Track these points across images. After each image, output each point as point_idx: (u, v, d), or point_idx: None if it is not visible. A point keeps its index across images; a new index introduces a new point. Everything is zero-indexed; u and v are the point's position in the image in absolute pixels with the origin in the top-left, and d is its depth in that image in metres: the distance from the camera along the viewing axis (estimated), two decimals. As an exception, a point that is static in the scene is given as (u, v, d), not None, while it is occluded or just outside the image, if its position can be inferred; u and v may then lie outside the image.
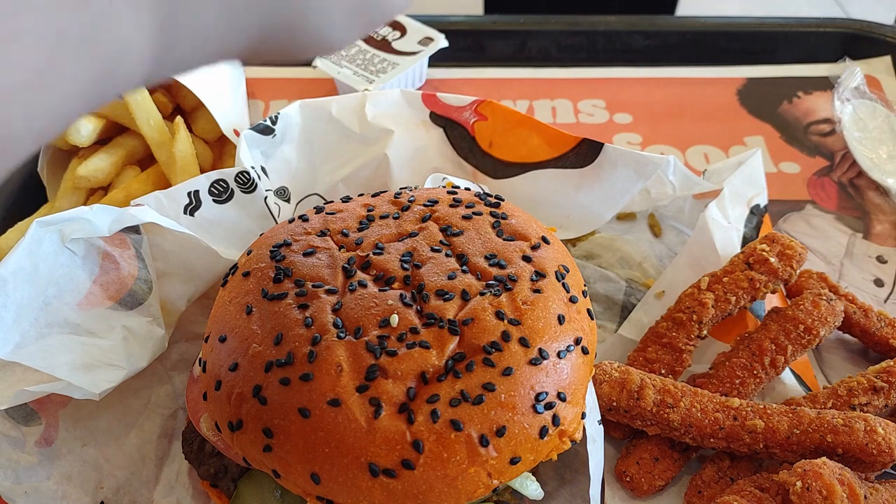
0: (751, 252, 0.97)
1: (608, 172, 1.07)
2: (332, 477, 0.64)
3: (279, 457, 0.65)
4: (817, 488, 0.73)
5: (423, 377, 0.65)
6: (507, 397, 0.65)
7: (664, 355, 0.92)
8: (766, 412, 0.83)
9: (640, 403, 0.83)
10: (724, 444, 0.83)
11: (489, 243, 0.76)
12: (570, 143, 1.09)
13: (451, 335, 0.68)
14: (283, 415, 0.65)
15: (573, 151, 1.08)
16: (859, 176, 1.27)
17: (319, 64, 1.32)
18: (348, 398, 0.64)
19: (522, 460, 0.66)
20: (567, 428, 0.69)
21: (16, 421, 0.83)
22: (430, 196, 0.84)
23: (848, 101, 1.34)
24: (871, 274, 1.11)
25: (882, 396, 0.87)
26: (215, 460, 0.78)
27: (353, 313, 0.69)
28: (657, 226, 1.15)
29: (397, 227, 0.79)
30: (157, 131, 1.07)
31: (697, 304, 0.94)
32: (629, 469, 0.85)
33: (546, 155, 1.10)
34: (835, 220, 1.20)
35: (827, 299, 0.92)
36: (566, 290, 0.74)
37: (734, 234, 1.07)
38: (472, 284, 0.72)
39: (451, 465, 0.63)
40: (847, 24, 1.53)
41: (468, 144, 1.14)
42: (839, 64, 1.45)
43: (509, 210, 0.82)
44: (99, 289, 0.87)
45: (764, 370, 0.89)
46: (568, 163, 1.09)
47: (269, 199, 1.02)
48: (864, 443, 0.79)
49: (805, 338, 0.90)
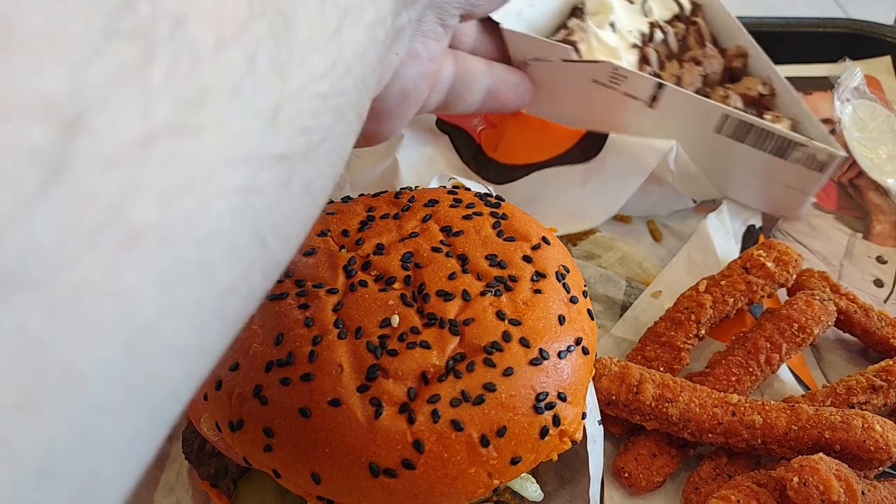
0: (748, 258, 0.98)
1: (613, 164, 1.06)
2: (332, 477, 0.64)
3: (280, 456, 0.66)
4: (814, 483, 0.74)
5: (423, 377, 0.66)
6: (507, 397, 0.65)
7: (663, 354, 0.92)
8: (765, 408, 0.83)
9: (639, 397, 0.84)
10: (723, 439, 0.83)
11: (490, 243, 0.77)
12: (574, 138, 1.08)
13: (452, 335, 0.68)
14: (283, 414, 0.65)
15: (577, 146, 1.08)
16: (859, 176, 1.27)
17: None
18: (349, 398, 0.64)
19: (523, 460, 0.66)
20: (567, 428, 0.69)
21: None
22: (431, 196, 0.84)
23: (848, 101, 1.34)
24: (871, 274, 1.11)
25: (881, 395, 0.87)
26: (215, 460, 0.78)
27: (354, 313, 0.70)
28: (657, 231, 1.15)
29: (398, 228, 0.79)
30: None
31: (696, 305, 0.94)
32: (627, 465, 0.85)
33: (551, 152, 1.10)
34: (834, 220, 1.20)
35: (820, 299, 0.93)
36: (566, 290, 0.75)
37: (733, 242, 1.07)
38: (472, 284, 0.72)
39: (451, 465, 0.63)
40: (847, 24, 1.53)
41: (473, 152, 1.14)
42: (839, 64, 1.45)
43: (510, 210, 0.82)
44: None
45: (759, 368, 0.90)
46: (573, 157, 1.09)
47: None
48: (862, 439, 0.79)
49: (799, 336, 0.91)
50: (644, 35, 1.15)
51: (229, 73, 0.29)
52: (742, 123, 1.05)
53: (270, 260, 0.35)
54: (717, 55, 1.19)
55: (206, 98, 0.28)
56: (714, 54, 1.19)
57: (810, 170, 1.05)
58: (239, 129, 0.30)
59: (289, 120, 0.32)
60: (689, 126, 1.06)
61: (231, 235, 0.30)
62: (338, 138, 0.38)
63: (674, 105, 1.04)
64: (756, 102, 1.17)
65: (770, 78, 1.18)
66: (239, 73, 0.30)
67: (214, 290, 0.30)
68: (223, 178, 0.29)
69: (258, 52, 0.30)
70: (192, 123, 0.27)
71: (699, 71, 1.15)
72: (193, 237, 0.28)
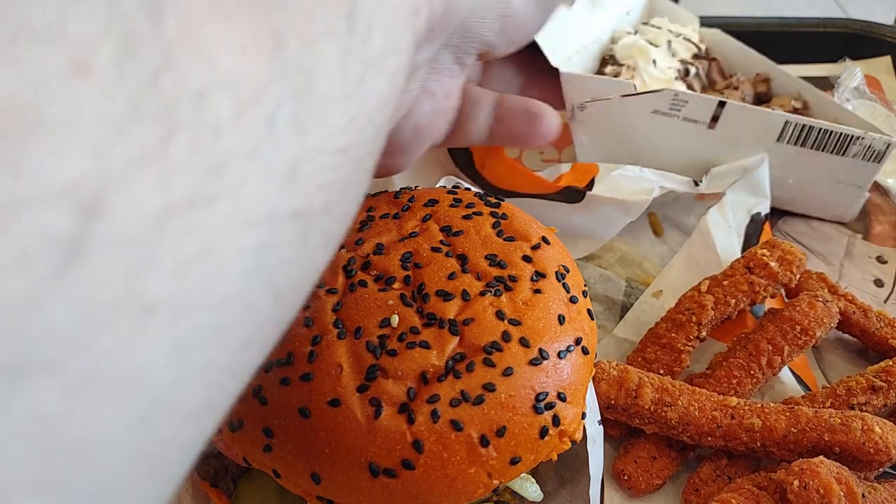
0: (751, 257, 0.98)
1: (598, 208, 1.08)
2: (332, 477, 0.64)
3: (279, 457, 0.66)
4: (815, 487, 0.74)
5: (423, 377, 0.65)
6: (507, 397, 0.65)
7: (663, 356, 0.92)
8: (764, 411, 0.83)
9: (637, 401, 0.84)
10: (722, 442, 0.83)
11: (489, 243, 0.77)
12: (553, 189, 1.09)
13: (452, 335, 0.68)
14: (283, 415, 0.65)
15: (559, 195, 1.09)
16: (859, 176, 1.27)
17: None
18: (349, 398, 0.64)
19: (522, 460, 0.66)
20: (567, 428, 0.69)
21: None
22: (431, 196, 0.84)
23: (848, 101, 1.34)
24: (870, 274, 1.11)
25: (881, 396, 0.87)
26: (215, 460, 0.78)
27: (354, 313, 0.69)
28: (658, 225, 1.15)
29: (397, 227, 0.79)
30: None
31: (697, 306, 0.94)
32: (627, 468, 0.85)
33: (533, 191, 1.11)
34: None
35: (823, 301, 0.93)
36: (566, 290, 0.74)
37: (735, 237, 1.07)
38: (472, 284, 0.72)
39: (451, 465, 0.63)
40: (847, 24, 1.53)
41: (466, 159, 1.14)
42: (839, 64, 1.45)
43: (509, 210, 0.82)
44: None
45: (761, 370, 0.90)
46: (556, 199, 1.10)
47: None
48: (862, 441, 0.79)
49: (801, 338, 0.91)
50: (680, 71, 1.23)
51: (248, 138, 0.28)
52: (804, 127, 1.08)
53: (284, 313, 0.34)
54: (747, 80, 1.26)
55: (225, 166, 0.27)
56: (745, 80, 1.25)
57: (868, 162, 1.09)
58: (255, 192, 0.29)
59: (307, 177, 0.31)
60: (749, 140, 1.09)
61: (245, 295, 0.30)
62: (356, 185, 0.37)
63: (734, 122, 1.09)
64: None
65: (800, 92, 1.23)
66: (258, 136, 0.29)
67: (227, 350, 0.30)
68: (238, 241, 0.28)
69: (277, 113, 0.29)
70: (209, 193, 0.27)
71: (738, 94, 1.22)
72: (207, 304, 0.28)
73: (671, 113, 1.10)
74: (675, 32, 1.32)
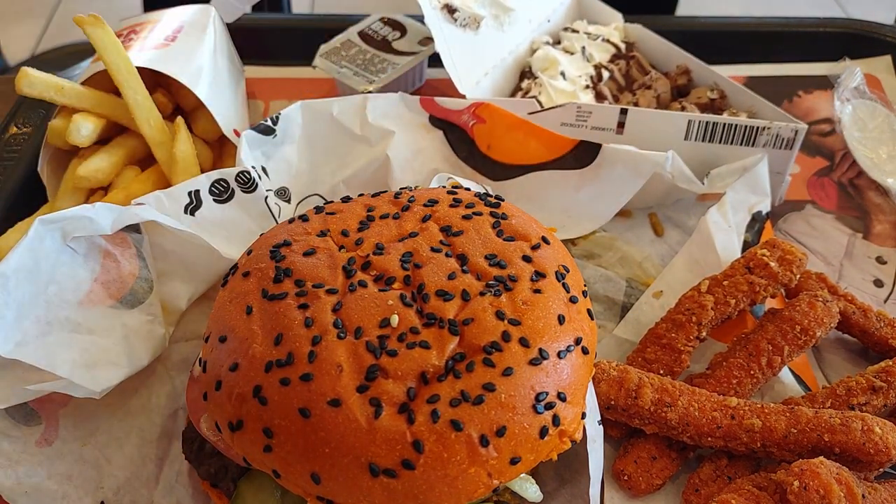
0: (751, 257, 0.98)
1: (607, 172, 1.08)
2: (332, 477, 0.64)
3: (279, 457, 0.66)
4: (815, 487, 0.74)
5: (423, 377, 0.66)
6: (507, 397, 0.65)
7: (663, 356, 0.92)
8: (764, 411, 0.83)
9: (637, 402, 0.84)
10: (722, 443, 0.83)
11: (489, 243, 0.77)
12: (567, 146, 1.10)
13: (452, 335, 0.68)
14: (283, 415, 0.65)
15: (571, 154, 1.10)
16: (859, 176, 1.27)
17: (319, 64, 1.32)
18: (349, 398, 0.64)
19: (522, 460, 0.66)
20: (567, 428, 0.69)
21: (16, 421, 0.83)
22: (431, 196, 0.84)
23: (848, 100, 1.34)
24: (870, 274, 1.11)
25: (881, 396, 0.87)
26: (215, 460, 0.78)
27: (354, 313, 0.70)
28: (659, 225, 1.15)
29: (397, 228, 0.79)
30: (158, 131, 1.07)
31: (697, 307, 0.94)
32: (627, 468, 0.85)
33: (544, 157, 1.11)
34: (835, 220, 1.20)
35: (823, 301, 0.93)
36: (566, 290, 0.75)
37: (735, 237, 1.07)
38: (472, 284, 0.72)
39: (451, 465, 0.63)
40: (847, 24, 1.53)
41: (468, 147, 1.14)
42: (839, 64, 1.45)
43: (509, 210, 0.82)
44: (100, 287, 0.88)
45: (761, 370, 0.90)
46: (566, 164, 1.10)
47: (270, 200, 1.02)
48: (862, 442, 0.79)
49: (801, 339, 0.91)
50: (592, 77, 1.28)
51: None
52: (708, 124, 1.12)
53: None
54: (662, 77, 1.30)
55: None
56: (659, 76, 1.30)
57: (780, 149, 1.13)
58: None
59: None
60: (659, 142, 1.12)
61: None
62: None
63: (640, 125, 1.13)
64: (710, 107, 1.25)
65: (717, 83, 1.27)
66: None
67: None
68: None
69: None
70: None
71: (651, 94, 1.27)
72: None
73: (578, 124, 1.15)
74: (593, 35, 1.35)
